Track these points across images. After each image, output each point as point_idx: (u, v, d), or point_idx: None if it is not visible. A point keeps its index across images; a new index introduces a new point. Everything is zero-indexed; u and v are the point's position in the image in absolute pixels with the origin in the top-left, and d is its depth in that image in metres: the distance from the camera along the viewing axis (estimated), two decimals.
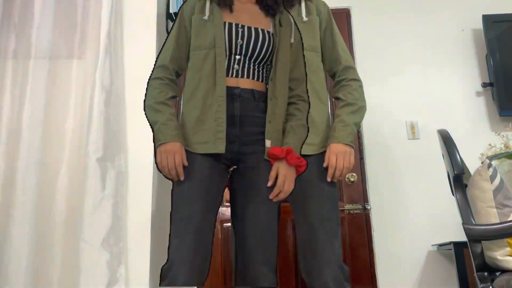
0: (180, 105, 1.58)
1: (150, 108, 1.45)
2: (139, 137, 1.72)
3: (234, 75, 1.48)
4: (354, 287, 2.62)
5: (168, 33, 1.57)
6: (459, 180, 1.61)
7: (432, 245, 2.65)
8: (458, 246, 2.28)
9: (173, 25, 1.56)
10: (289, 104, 1.53)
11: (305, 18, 1.62)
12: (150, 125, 1.45)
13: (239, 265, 1.42)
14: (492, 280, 1.48)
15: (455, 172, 1.60)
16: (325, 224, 1.45)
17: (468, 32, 3.02)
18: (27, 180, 1.60)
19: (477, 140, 2.80)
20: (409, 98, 2.90)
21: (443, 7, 3.04)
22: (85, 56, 1.83)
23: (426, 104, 2.87)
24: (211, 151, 1.40)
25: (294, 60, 1.55)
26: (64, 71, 1.81)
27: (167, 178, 1.42)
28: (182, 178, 1.38)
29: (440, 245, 2.55)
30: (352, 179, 2.64)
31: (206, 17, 1.50)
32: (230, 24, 1.49)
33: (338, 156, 1.48)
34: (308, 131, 1.53)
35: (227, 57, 1.47)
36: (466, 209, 1.55)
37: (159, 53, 1.53)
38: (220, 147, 1.40)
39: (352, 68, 1.63)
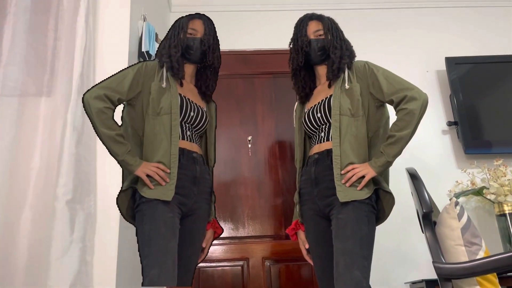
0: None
1: (112, 139, 1.61)
2: (107, 177, 1.68)
3: (188, 139, 1.78)
4: None
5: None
6: (428, 218, 1.63)
7: (405, 283, 2.65)
8: (430, 284, 2.29)
9: (133, 66, 1.76)
10: None
11: (347, 86, 1.80)
12: (110, 152, 1.63)
13: None
14: None
15: (424, 211, 1.62)
16: (346, 255, 1.58)
17: (433, 74, 3.16)
18: None
19: (445, 177, 2.87)
20: None
21: (408, 51, 3.19)
22: (54, 94, 1.80)
23: None
24: (162, 197, 1.61)
25: (214, 142, 1.96)
26: (31, 109, 1.78)
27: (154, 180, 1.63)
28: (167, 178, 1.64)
29: (413, 283, 2.55)
30: None
31: (164, 85, 1.75)
32: (184, 97, 1.78)
33: (361, 166, 1.70)
34: None
35: (182, 124, 1.76)
36: (435, 247, 1.57)
37: (115, 76, 1.70)
38: (169, 196, 1.62)
39: (397, 96, 1.74)
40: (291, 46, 1.98)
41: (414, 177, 1.77)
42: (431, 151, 2.98)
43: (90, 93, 1.64)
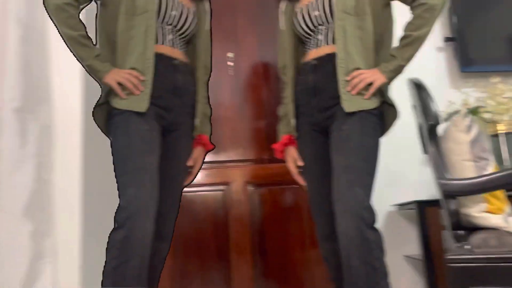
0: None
1: (75, 41, 1.46)
2: (66, 84, 1.43)
3: (169, 44, 1.57)
4: (308, 251, 2.54)
5: None
6: (433, 131, 1.47)
7: (392, 205, 2.57)
8: (422, 205, 2.19)
9: None
10: None
11: None
12: (75, 56, 1.48)
13: None
14: (467, 239, 1.37)
15: (430, 122, 1.45)
16: (349, 171, 1.44)
17: None
18: None
19: (437, 97, 2.68)
20: None
21: None
22: None
23: None
24: (135, 108, 1.45)
25: (206, 48, 1.72)
26: None
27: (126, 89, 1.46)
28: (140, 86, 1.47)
29: (401, 204, 2.47)
30: None
31: None
32: None
33: (369, 71, 1.52)
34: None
35: (161, 25, 1.55)
36: (439, 163, 1.42)
37: None
38: (143, 106, 1.46)
39: None
40: None
41: (419, 87, 1.59)
42: (423, 69, 2.71)
43: None
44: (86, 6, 1.55)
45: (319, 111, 1.59)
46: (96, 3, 1.58)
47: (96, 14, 1.57)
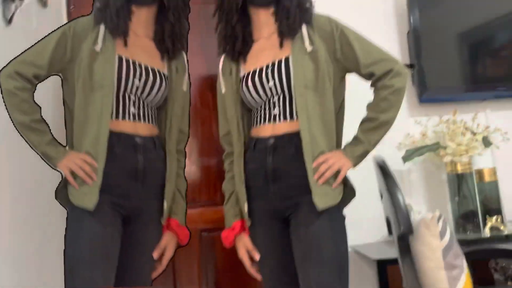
0: None
1: (26, 127, 1.36)
2: None
3: (131, 119, 1.42)
4: None
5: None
6: (405, 240, 1.32)
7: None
8: (382, 264, 2.10)
9: (60, 27, 1.44)
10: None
11: (309, 48, 1.41)
12: (28, 143, 1.40)
13: None
14: None
15: (402, 231, 1.31)
16: None
17: (390, 4, 2.69)
18: None
19: (395, 128, 2.57)
20: None
21: None
22: None
23: None
24: (83, 205, 1.34)
25: (181, 112, 1.55)
26: None
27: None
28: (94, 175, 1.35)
29: (356, 251, 2.36)
30: None
31: (98, 49, 1.39)
32: (126, 60, 1.42)
33: (334, 156, 1.39)
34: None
35: (122, 98, 1.41)
36: (412, 278, 1.29)
37: (37, 45, 1.41)
38: (91, 201, 1.33)
39: (380, 68, 1.40)
40: None
41: (386, 173, 1.44)
42: None
43: (3, 71, 1.37)
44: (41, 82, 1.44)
45: (278, 199, 1.43)
46: (60, 78, 1.47)
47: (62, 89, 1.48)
